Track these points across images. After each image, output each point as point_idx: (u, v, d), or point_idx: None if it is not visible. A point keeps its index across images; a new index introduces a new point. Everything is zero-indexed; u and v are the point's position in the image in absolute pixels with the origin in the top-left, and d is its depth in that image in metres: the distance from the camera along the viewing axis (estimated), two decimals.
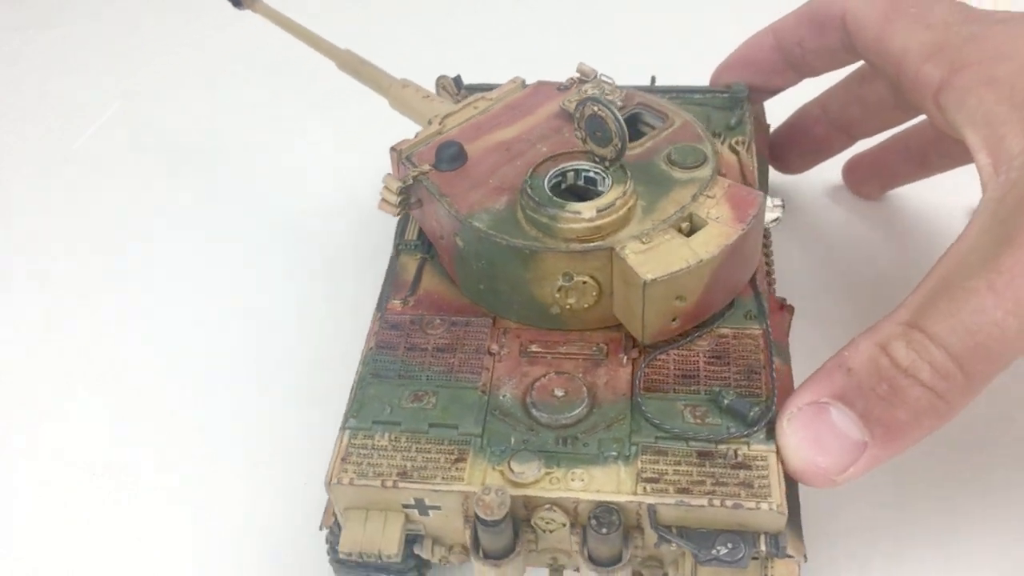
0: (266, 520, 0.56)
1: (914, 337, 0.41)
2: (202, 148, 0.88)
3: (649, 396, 0.46)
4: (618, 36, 0.98)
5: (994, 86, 0.46)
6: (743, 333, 0.48)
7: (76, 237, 0.79)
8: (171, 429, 0.62)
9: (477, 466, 0.44)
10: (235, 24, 1.03)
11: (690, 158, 0.50)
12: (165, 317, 0.70)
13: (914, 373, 0.40)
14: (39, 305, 0.73)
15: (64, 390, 0.65)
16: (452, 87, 0.62)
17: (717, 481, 0.42)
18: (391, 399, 0.47)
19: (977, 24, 0.49)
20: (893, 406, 0.41)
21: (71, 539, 0.57)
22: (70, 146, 0.90)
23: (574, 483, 0.43)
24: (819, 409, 0.42)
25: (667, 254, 0.45)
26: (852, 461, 0.42)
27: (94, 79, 0.99)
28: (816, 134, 0.68)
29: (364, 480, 0.44)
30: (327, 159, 0.85)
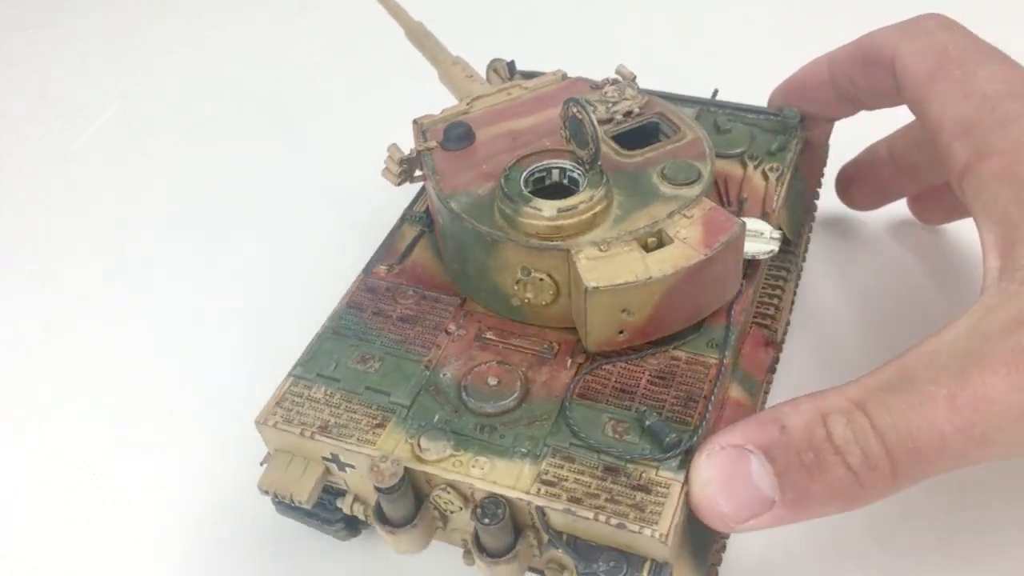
0: (267, 519, 0.56)
1: (857, 419, 0.39)
2: (202, 148, 0.89)
3: (580, 402, 0.46)
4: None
5: (1015, 184, 0.43)
6: (697, 360, 0.47)
7: (76, 237, 0.79)
8: (171, 429, 0.62)
9: (393, 435, 0.45)
10: (235, 24, 1.07)
11: (683, 175, 0.49)
12: (165, 317, 0.70)
13: (844, 453, 0.39)
14: (39, 305, 0.73)
15: (64, 390, 0.66)
16: (505, 72, 0.63)
17: (612, 498, 0.42)
18: (340, 356, 0.49)
19: (1018, 102, 0.46)
20: (812, 477, 0.40)
21: (71, 539, 0.57)
22: (70, 146, 0.90)
23: (474, 470, 0.44)
24: (741, 455, 0.41)
25: (619, 266, 0.45)
26: (755, 515, 0.41)
27: (94, 79, 0.99)
28: (883, 175, 0.66)
29: (287, 426, 0.46)
30: (327, 159, 0.85)
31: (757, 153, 0.58)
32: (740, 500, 0.41)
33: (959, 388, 0.38)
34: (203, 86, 0.97)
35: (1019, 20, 0.76)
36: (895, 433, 0.38)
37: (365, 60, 0.98)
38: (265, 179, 0.84)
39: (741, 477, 0.41)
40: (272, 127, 0.90)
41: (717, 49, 0.94)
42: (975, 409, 0.37)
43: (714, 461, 0.42)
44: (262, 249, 0.76)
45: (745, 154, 0.58)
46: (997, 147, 0.45)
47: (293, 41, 1.00)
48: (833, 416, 0.40)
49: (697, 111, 0.62)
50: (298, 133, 0.89)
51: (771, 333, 0.54)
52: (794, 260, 0.59)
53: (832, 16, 0.93)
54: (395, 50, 0.95)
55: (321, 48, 1.02)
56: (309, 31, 1.05)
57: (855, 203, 0.69)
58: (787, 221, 0.58)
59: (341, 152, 0.86)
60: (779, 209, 0.55)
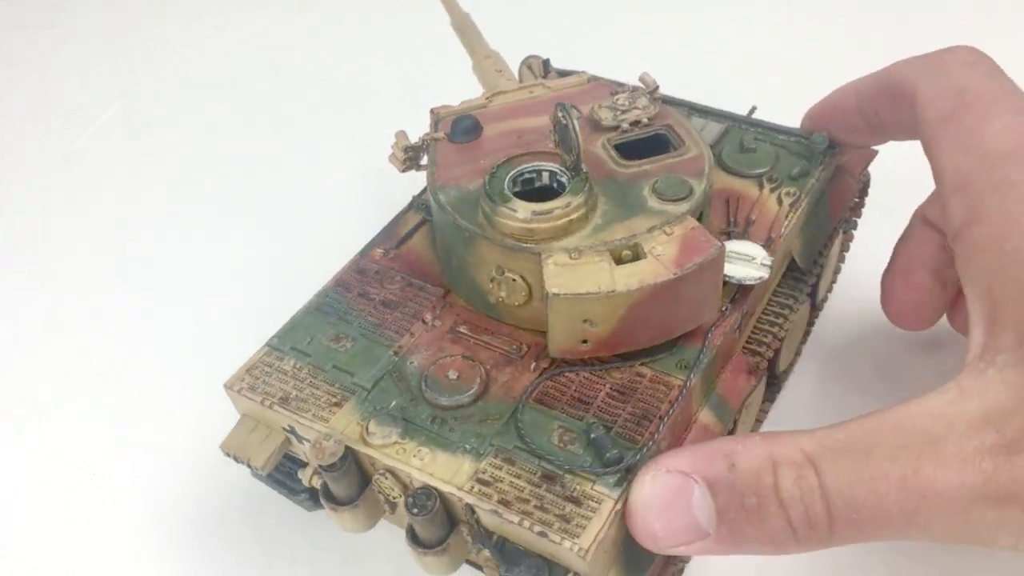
0: (269, 519, 0.57)
1: (807, 476, 0.38)
2: (202, 148, 0.89)
3: (534, 407, 0.46)
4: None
5: (1002, 258, 0.41)
6: (661, 379, 0.47)
7: (76, 237, 0.79)
8: (171, 429, 0.62)
9: (347, 415, 0.46)
10: (235, 24, 1.08)
11: (673, 191, 0.48)
12: (165, 317, 0.70)
13: (787, 507, 0.39)
14: (39, 305, 0.73)
15: (64, 390, 0.66)
16: (539, 69, 0.63)
17: (541, 505, 0.42)
18: (317, 332, 0.50)
19: (1020, 164, 0.42)
20: (750, 522, 0.39)
21: (71, 539, 0.57)
22: (70, 146, 0.90)
23: (415, 459, 0.44)
24: (686, 483, 0.41)
25: (585, 275, 0.45)
26: (686, 543, 0.41)
27: (94, 79, 1.00)
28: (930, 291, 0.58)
29: (251, 393, 0.48)
30: (327, 158, 0.85)
31: (778, 176, 0.56)
32: (675, 526, 0.41)
33: (912, 473, 0.37)
34: (203, 86, 0.97)
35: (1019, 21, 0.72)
36: (841, 500, 0.38)
37: (365, 60, 0.99)
38: (265, 179, 0.84)
39: (681, 504, 0.40)
40: (272, 127, 0.91)
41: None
42: (923, 497, 0.37)
43: (657, 483, 0.41)
44: (262, 249, 0.76)
45: (765, 176, 0.56)
46: (988, 213, 0.42)
47: (293, 41, 1.01)
48: (784, 468, 0.39)
49: (726, 127, 0.60)
50: (298, 133, 0.90)
51: (757, 361, 0.52)
52: (802, 289, 0.57)
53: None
54: (395, 50, 0.97)
55: (321, 48, 1.02)
56: (309, 31, 1.05)
57: (906, 322, 0.60)
58: (801, 249, 0.56)
59: (342, 152, 0.86)
60: (788, 236, 0.54)
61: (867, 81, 0.55)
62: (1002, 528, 0.37)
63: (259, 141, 0.89)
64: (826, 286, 0.66)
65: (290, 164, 0.86)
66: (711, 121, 0.61)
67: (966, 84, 0.47)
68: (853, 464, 0.38)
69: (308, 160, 0.86)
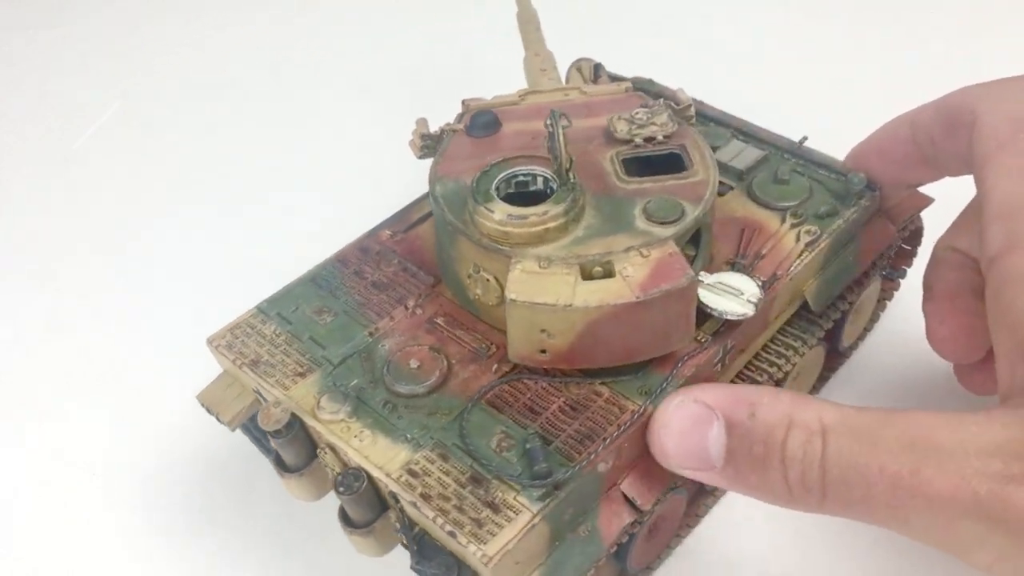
0: (268, 520, 0.58)
1: (813, 442, 0.40)
2: (202, 148, 0.89)
3: (484, 408, 0.46)
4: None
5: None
6: (616, 401, 0.46)
7: (76, 237, 0.79)
8: (171, 429, 0.62)
9: (308, 386, 0.48)
10: (235, 24, 1.07)
11: (663, 213, 0.47)
12: (165, 317, 0.70)
13: (787, 465, 0.40)
14: (39, 305, 0.74)
15: (64, 390, 0.66)
16: (589, 73, 0.63)
17: (460, 506, 0.42)
18: (304, 302, 0.52)
19: None
20: (753, 469, 0.41)
21: (71, 539, 0.57)
22: (70, 146, 0.90)
23: (355, 440, 0.45)
24: (708, 417, 0.42)
25: (547, 285, 0.44)
26: (694, 468, 0.43)
27: (94, 79, 0.99)
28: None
29: (226, 351, 0.50)
30: (327, 158, 0.85)
31: (803, 212, 0.54)
32: (688, 451, 0.43)
33: (908, 473, 0.37)
34: (203, 86, 0.98)
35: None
36: (837, 474, 0.39)
37: (366, 60, 0.98)
38: (265, 179, 0.85)
39: (698, 434, 0.42)
40: (272, 128, 0.91)
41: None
42: (912, 497, 0.37)
43: (682, 411, 0.43)
44: (262, 248, 0.76)
45: (790, 210, 0.54)
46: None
47: (293, 41, 1.01)
48: (796, 430, 0.40)
49: (767, 153, 0.58)
50: (298, 133, 0.90)
51: None
52: (814, 333, 0.55)
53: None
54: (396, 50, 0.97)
55: (322, 48, 1.02)
56: (309, 31, 1.05)
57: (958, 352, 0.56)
58: (816, 291, 0.54)
59: (343, 152, 0.86)
60: (798, 276, 0.52)
61: (924, 109, 0.52)
62: (982, 546, 0.37)
63: (259, 141, 0.89)
64: (855, 333, 0.63)
65: (290, 164, 0.86)
66: (752, 146, 0.59)
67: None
68: (859, 446, 0.39)
69: (308, 160, 0.86)
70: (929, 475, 0.37)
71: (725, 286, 0.48)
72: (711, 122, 0.61)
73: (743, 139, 0.60)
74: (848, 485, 0.39)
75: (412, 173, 0.57)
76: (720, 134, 0.60)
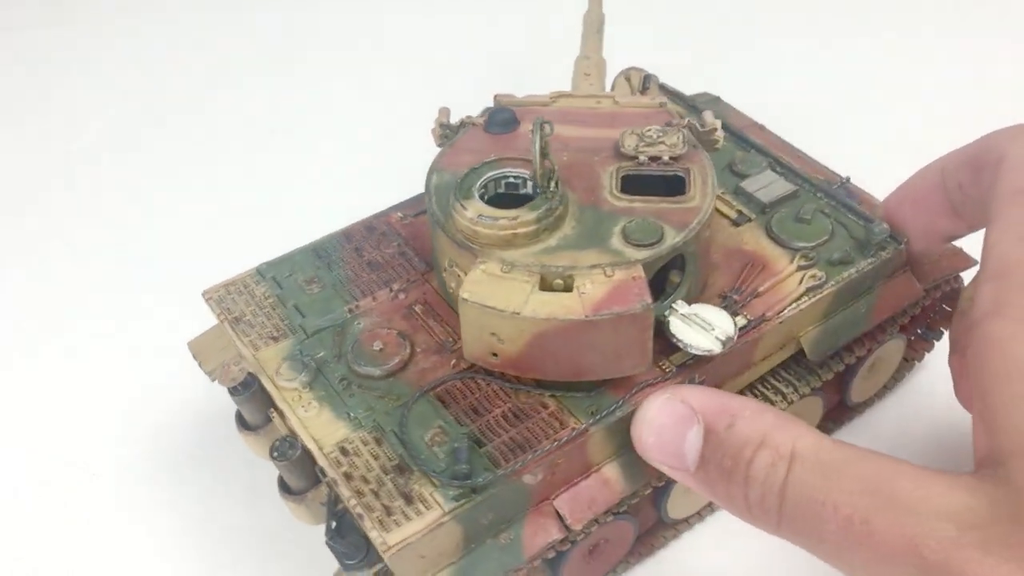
0: (269, 521, 0.57)
1: (779, 467, 0.40)
2: (202, 148, 0.88)
3: (431, 400, 0.47)
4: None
5: (1007, 365, 0.37)
6: (559, 417, 0.46)
7: (76, 237, 0.79)
8: (172, 430, 0.63)
9: (277, 351, 0.50)
10: (235, 25, 1.05)
11: (641, 235, 0.46)
12: (166, 317, 0.68)
13: (749, 484, 0.40)
14: (39, 304, 0.73)
15: (64, 390, 0.66)
16: (638, 83, 0.62)
17: (377, 492, 0.43)
18: (299, 270, 0.54)
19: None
20: (719, 479, 0.41)
21: (71, 539, 0.58)
22: (70, 146, 0.90)
23: (301, 409, 0.47)
24: (690, 418, 0.43)
25: (502, 290, 0.44)
26: (670, 465, 0.43)
27: (94, 79, 0.99)
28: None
29: (215, 304, 0.52)
30: (326, 158, 0.84)
31: (816, 256, 0.52)
32: (665, 448, 0.43)
33: (860, 521, 0.36)
34: (203, 86, 0.97)
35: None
36: (793, 504, 0.39)
37: (367, 59, 0.98)
38: (265, 178, 0.85)
39: (677, 433, 0.43)
40: (273, 129, 0.91)
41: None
42: (858, 544, 0.36)
43: (666, 408, 0.44)
44: (263, 247, 0.71)
45: (803, 252, 0.52)
46: (1012, 312, 0.38)
47: (294, 40, 1.01)
48: (765, 451, 0.40)
49: (797, 188, 0.56)
50: (298, 133, 0.89)
51: None
52: (809, 382, 0.52)
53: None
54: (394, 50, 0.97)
55: (322, 48, 1.01)
56: (309, 31, 1.04)
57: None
58: (813, 339, 0.51)
59: (343, 152, 0.86)
60: (791, 321, 0.50)
61: (956, 154, 0.49)
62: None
63: (259, 141, 0.89)
64: (870, 389, 0.60)
65: (290, 163, 0.86)
66: (785, 179, 0.56)
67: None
68: (820, 480, 0.38)
69: (310, 160, 0.86)
70: (880, 526, 0.36)
71: (699, 319, 0.47)
72: (752, 148, 0.59)
73: (780, 171, 0.57)
74: (803, 517, 0.38)
75: None
76: (755, 162, 0.58)
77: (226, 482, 0.60)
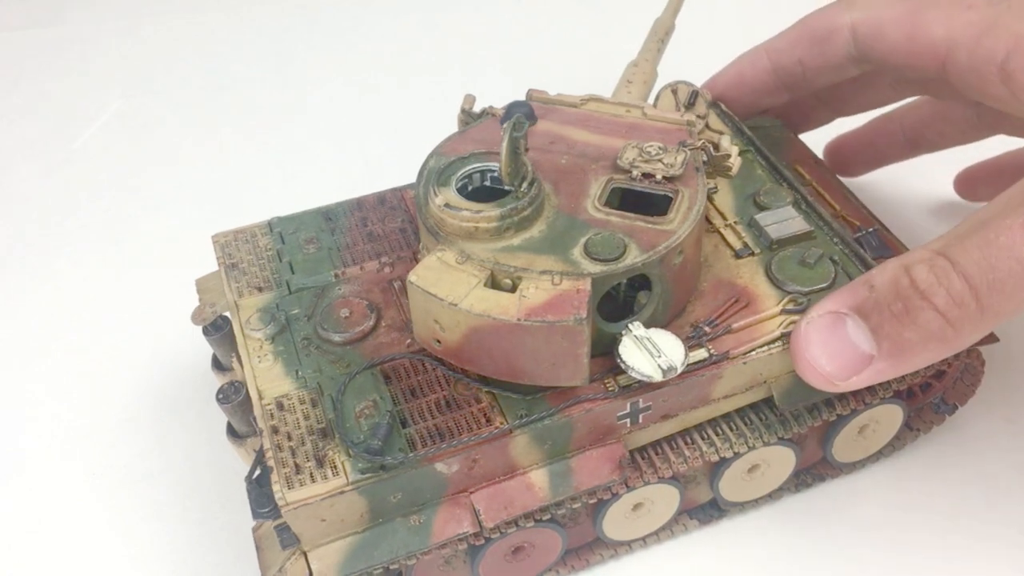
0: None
1: (938, 263, 0.42)
2: (202, 148, 0.87)
3: (375, 375, 0.48)
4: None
5: None
6: (488, 414, 0.46)
7: (76, 237, 0.79)
8: (173, 430, 0.63)
9: (257, 300, 0.52)
10: (235, 25, 1.02)
11: (599, 249, 0.45)
12: (167, 317, 0.68)
13: (929, 296, 0.41)
14: (39, 304, 0.73)
15: (65, 390, 0.66)
16: (684, 98, 0.60)
17: (295, 450, 0.45)
18: (304, 229, 0.56)
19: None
20: (904, 325, 0.42)
21: (71, 539, 0.57)
22: (70, 146, 0.89)
23: (256, 359, 0.49)
24: (837, 319, 0.44)
25: (449, 280, 0.45)
26: (856, 371, 0.44)
27: (94, 79, 0.98)
28: (883, 146, 0.69)
29: (219, 249, 0.55)
30: (327, 157, 0.83)
31: (808, 303, 0.49)
32: (841, 359, 0.44)
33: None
34: (203, 86, 0.97)
35: None
36: (976, 268, 0.40)
37: (366, 60, 0.96)
38: (265, 178, 0.84)
39: (839, 338, 0.44)
40: (273, 128, 0.90)
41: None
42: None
43: (813, 327, 0.45)
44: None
45: (792, 295, 0.50)
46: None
47: (293, 41, 0.99)
48: (915, 266, 0.42)
49: (812, 230, 0.53)
50: (299, 133, 0.88)
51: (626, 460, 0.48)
52: (775, 431, 0.50)
53: None
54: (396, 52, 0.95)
55: (322, 48, 0.99)
56: (309, 31, 1.02)
57: (850, 171, 0.71)
58: (783, 389, 0.50)
59: (345, 152, 0.85)
60: (756, 364, 0.48)
61: (781, 38, 0.60)
62: None
63: (260, 141, 0.89)
64: (859, 452, 0.56)
65: (292, 163, 0.86)
66: (803, 218, 0.54)
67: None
68: (977, 236, 0.41)
69: (310, 159, 0.86)
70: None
71: (651, 343, 0.46)
72: (784, 182, 0.57)
73: (803, 208, 0.55)
74: (993, 268, 0.40)
75: None
76: (780, 196, 0.55)
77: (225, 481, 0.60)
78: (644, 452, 0.50)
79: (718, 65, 0.64)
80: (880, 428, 0.55)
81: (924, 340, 0.42)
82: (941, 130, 0.65)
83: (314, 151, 0.87)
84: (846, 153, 0.71)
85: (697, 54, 0.68)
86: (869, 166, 0.71)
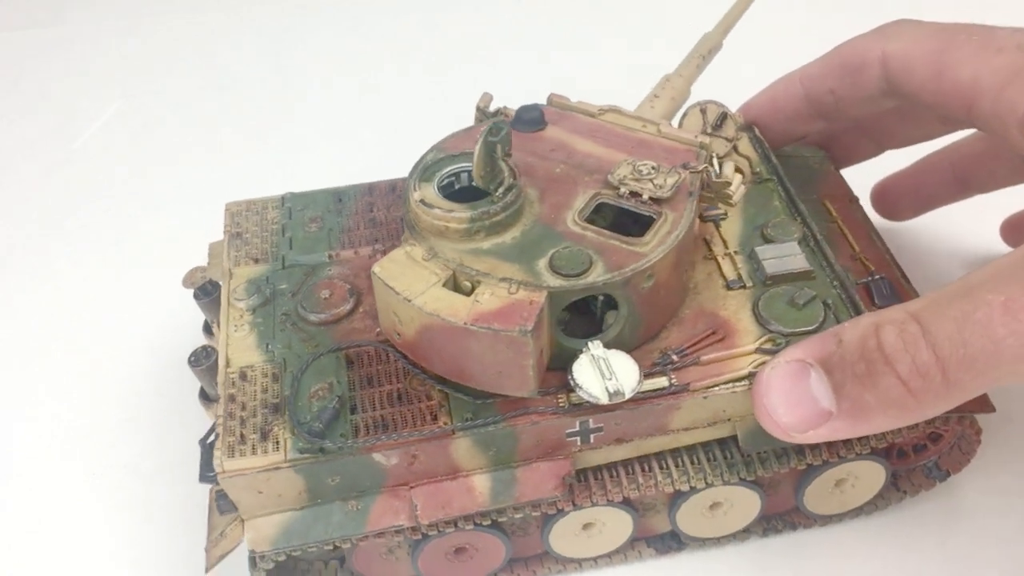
0: None
1: (909, 328, 0.40)
2: (202, 148, 0.86)
3: (339, 358, 0.49)
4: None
5: None
6: (435, 411, 0.46)
7: (76, 237, 0.79)
8: (173, 430, 0.63)
9: (250, 271, 0.54)
10: (235, 25, 1.00)
11: (563, 263, 0.45)
12: (168, 318, 0.69)
13: (893, 363, 0.40)
14: (39, 304, 0.74)
15: (65, 390, 0.67)
16: (713, 118, 0.58)
17: (245, 421, 0.46)
18: (312, 208, 0.58)
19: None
20: (865, 387, 0.41)
21: (72, 539, 0.58)
22: (70, 146, 0.89)
23: (233, 328, 0.51)
24: (801, 368, 0.43)
25: (410, 275, 0.45)
26: (814, 426, 0.43)
27: (94, 79, 0.97)
28: (931, 185, 0.66)
29: (228, 218, 0.57)
30: (327, 157, 0.82)
31: (786, 345, 0.47)
32: (800, 411, 0.43)
33: (1019, 293, 0.38)
34: (203, 86, 0.96)
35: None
36: (947, 341, 0.39)
37: (366, 60, 0.95)
38: (265, 178, 0.83)
39: (801, 389, 0.43)
40: (273, 128, 0.89)
41: None
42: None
43: (776, 374, 0.44)
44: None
45: (772, 335, 0.48)
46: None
47: (294, 41, 0.97)
48: (886, 327, 0.40)
49: (812, 270, 0.51)
50: (298, 133, 0.88)
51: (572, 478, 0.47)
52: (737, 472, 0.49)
53: None
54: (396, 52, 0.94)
55: (322, 48, 0.98)
56: (309, 31, 1.00)
57: (898, 214, 0.69)
58: (749, 431, 0.48)
59: (345, 152, 0.84)
60: (719, 400, 0.47)
61: (814, 66, 0.58)
62: None
63: (260, 141, 0.89)
64: (835, 505, 0.54)
65: (292, 163, 0.86)
66: (806, 257, 0.52)
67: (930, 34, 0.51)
68: (955, 305, 0.39)
69: (310, 159, 0.86)
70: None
71: (606, 364, 0.45)
72: (799, 216, 0.55)
73: (810, 246, 0.53)
74: (966, 343, 0.38)
75: None
76: (789, 231, 0.53)
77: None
78: (598, 472, 0.49)
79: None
80: (860, 484, 0.53)
81: (883, 406, 0.40)
82: (992, 169, 0.62)
83: (314, 151, 0.87)
84: (894, 194, 0.68)
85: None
86: (918, 208, 0.68)
